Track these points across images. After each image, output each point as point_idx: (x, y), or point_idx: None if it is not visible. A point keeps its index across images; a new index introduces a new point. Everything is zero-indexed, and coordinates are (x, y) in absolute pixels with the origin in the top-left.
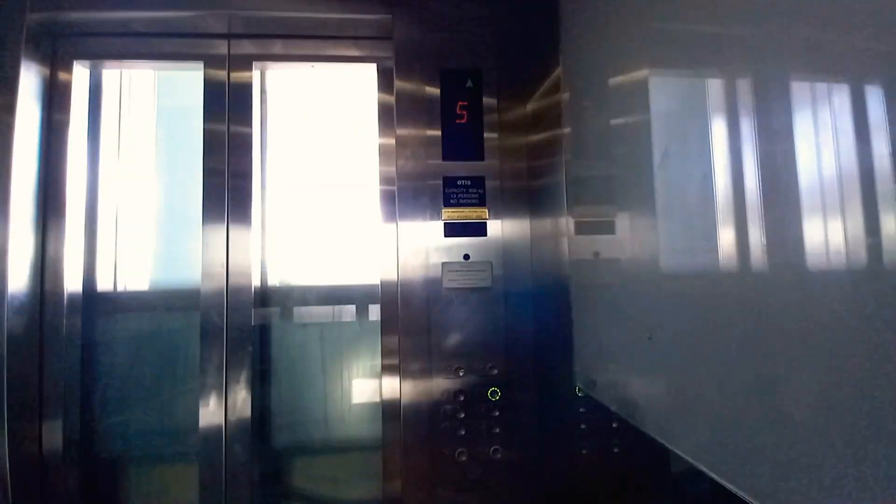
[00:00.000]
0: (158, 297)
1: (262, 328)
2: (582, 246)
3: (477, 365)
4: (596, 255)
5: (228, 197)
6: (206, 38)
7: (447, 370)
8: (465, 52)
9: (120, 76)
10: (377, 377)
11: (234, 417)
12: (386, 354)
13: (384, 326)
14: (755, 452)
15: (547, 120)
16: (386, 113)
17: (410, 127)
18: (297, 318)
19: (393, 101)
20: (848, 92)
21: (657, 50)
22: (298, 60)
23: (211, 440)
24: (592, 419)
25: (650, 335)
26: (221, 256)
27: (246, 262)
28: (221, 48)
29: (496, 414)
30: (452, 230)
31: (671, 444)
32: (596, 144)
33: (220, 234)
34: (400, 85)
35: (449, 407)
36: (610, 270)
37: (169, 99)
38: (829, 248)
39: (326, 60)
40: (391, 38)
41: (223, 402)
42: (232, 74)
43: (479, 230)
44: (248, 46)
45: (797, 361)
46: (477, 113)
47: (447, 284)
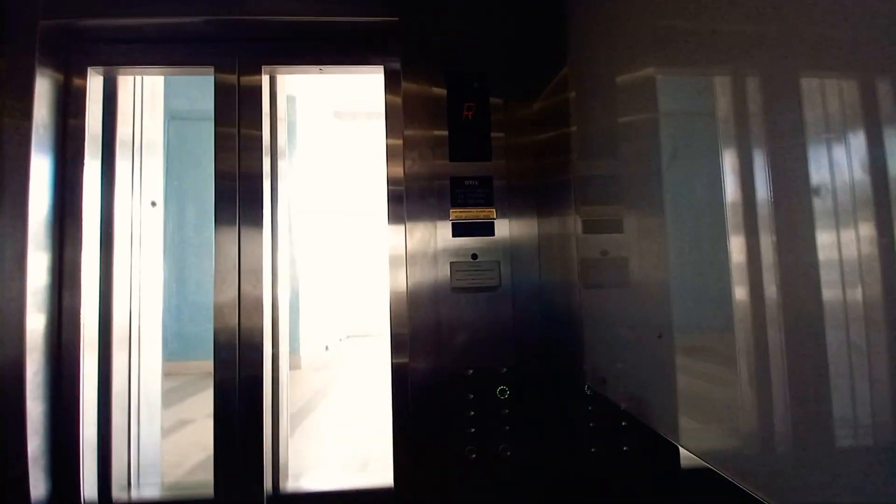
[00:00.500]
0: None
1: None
2: (590, 245)
3: (486, 363)
4: (604, 253)
5: (240, 199)
6: (215, 43)
7: (456, 369)
8: (471, 52)
9: (134, 81)
10: None
11: None
12: (396, 353)
13: (393, 325)
14: (766, 450)
15: (554, 119)
16: (393, 114)
17: (418, 128)
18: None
19: (400, 102)
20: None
21: (666, 48)
22: (306, 64)
23: None
24: (601, 418)
25: (660, 333)
26: (233, 256)
27: (257, 263)
28: (231, 53)
29: (506, 412)
30: (460, 230)
31: (681, 442)
32: (603, 143)
33: (231, 235)
34: (407, 87)
35: (459, 405)
36: (618, 269)
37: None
38: (840, 246)
39: (334, 63)
40: (398, 40)
41: None
42: (241, 79)
43: (486, 230)
44: (256, 51)
45: (808, 360)
46: (484, 113)
47: (455, 284)
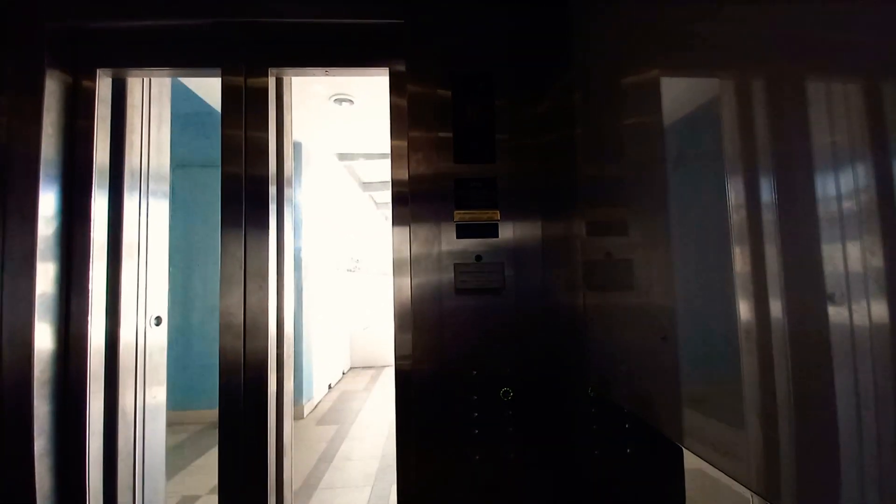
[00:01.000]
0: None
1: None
2: (594, 247)
3: (489, 365)
4: (608, 256)
5: (245, 201)
6: (223, 45)
7: (460, 370)
8: (476, 55)
9: (142, 83)
10: None
11: None
12: (400, 352)
13: (398, 326)
14: (771, 453)
15: (559, 121)
16: (398, 116)
17: (423, 129)
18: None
19: (405, 104)
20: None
21: (671, 50)
22: (312, 66)
23: None
24: (605, 420)
25: (664, 335)
26: (240, 257)
27: (262, 265)
28: (238, 55)
29: (509, 413)
30: (464, 231)
31: (685, 444)
32: (608, 145)
33: (237, 236)
34: (412, 89)
35: (462, 406)
36: (622, 271)
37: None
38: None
39: (339, 65)
40: (403, 42)
41: None
42: (248, 80)
43: (490, 231)
44: (263, 53)
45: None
46: (488, 115)
47: (459, 285)
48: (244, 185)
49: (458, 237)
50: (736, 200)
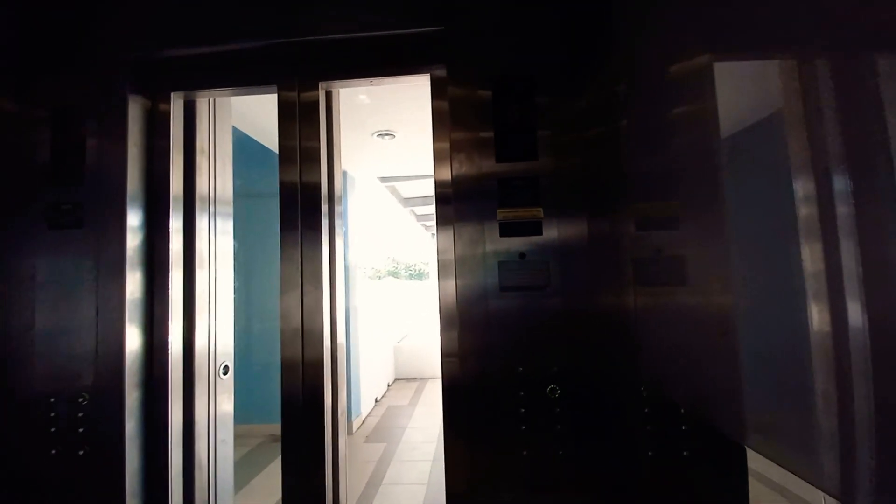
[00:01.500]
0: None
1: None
2: (644, 243)
3: (536, 362)
4: (658, 251)
5: (301, 205)
6: (277, 64)
7: (506, 367)
8: (515, 53)
9: (208, 109)
10: None
11: None
12: (446, 349)
13: (444, 324)
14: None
15: (602, 114)
16: (440, 119)
17: (464, 131)
18: None
19: (447, 107)
20: None
21: (723, 33)
22: (358, 77)
23: None
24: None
25: (724, 329)
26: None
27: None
28: (291, 72)
29: (557, 411)
30: (508, 230)
31: (750, 444)
32: (657, 137)
33: (294, 239)
34: (453, 91)
35: (509, 403)
36: (675, 267)
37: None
38: None
39: (384, 75)
40: (444, 48)
41: None
42: (301, 95)
43: (534, 229)
44: (313, 69)
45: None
46: (529, 113)
47: (504, 283)
48: (299, 190)
49: (501, 235)
50: (804, 193)
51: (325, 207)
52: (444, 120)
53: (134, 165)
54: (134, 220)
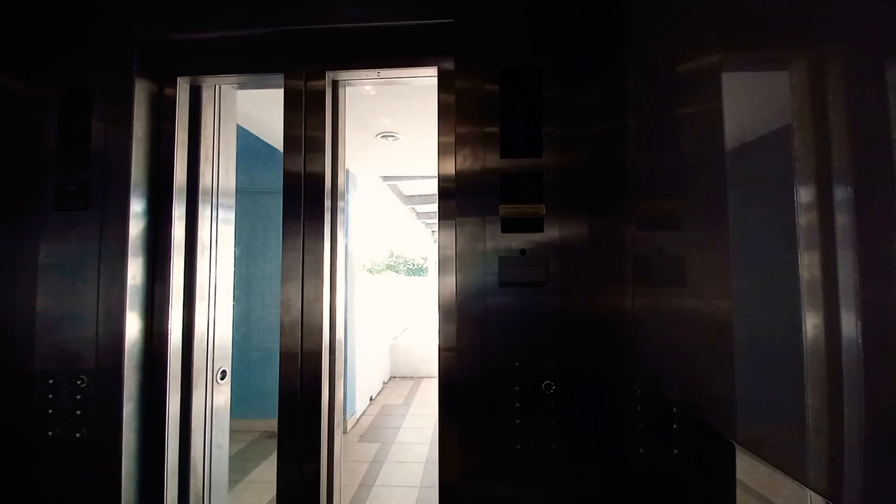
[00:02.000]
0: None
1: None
2: (646, 242)
3: (532, 358)
4: (660, 251)
5: (304, 195)
6: (285, 51)
7: (503, 361)
8: (524, 48)
9: (214, 97)
10: None
11: None
12: (444, 343)
13: (443, 319)
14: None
15: (610, 111)
16: (446, 112)
17: (470, 125)
18: None
19: (453, 101)
20: None
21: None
22: (365, 67)
23: None
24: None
25: (721, 331)
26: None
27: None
28: (298, 60)
29: (551, 406)
30: (509, 225)
31: (739, 441)
32: (664, 136)
33: (297, 228)
34: (460, 84)
35: (504, 397)
36: (676, 267)
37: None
38: None
39: (391, 66)
40: (452, 40)
41: None
42: (308, 83)
43: (536, 225)
44: (321, 57)
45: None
46: (536, 108)
47: (504, 278)
48: (303, 180)
49: (503, 231)
50: (806, 194)
51: (328, 199)
52: (449, 114)
53: (139, 150)
54: (137, 204)
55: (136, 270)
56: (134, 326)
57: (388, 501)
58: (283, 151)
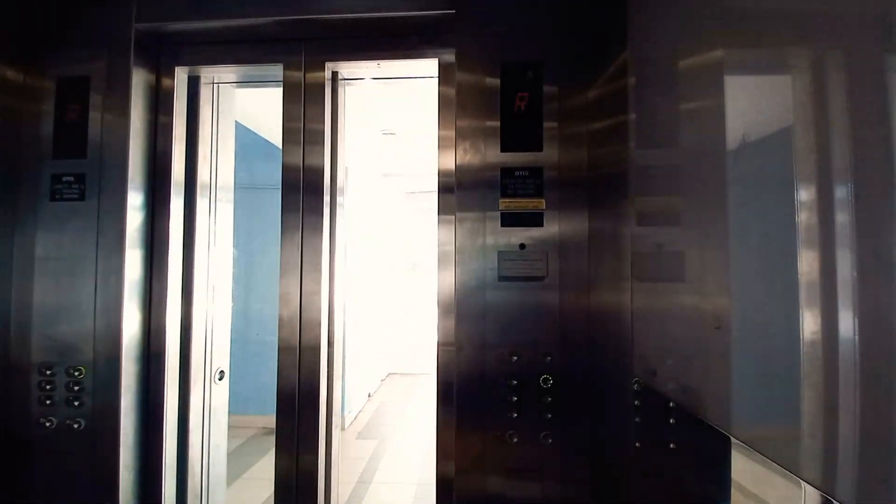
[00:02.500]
0: None
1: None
2: (644, 237)
3: (530, 352)
4: (659, 247)
5: (303, 188)
6: (284, 41)
7: (501, 355)
8: (526, 42)
9: (212, 90)
10: None
11: None
12: (442, 338)
13: (441, 312)
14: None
15: (610, 107)
16: (446, 106)
17: (470, 119)
18: None
19: (453, 94)
20: None
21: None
22: (366, 59)
23: None
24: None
25: (719, 325)
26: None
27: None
28: (298, 50)
29: (548, 400)
30: (509, 220)
31: (734, 434)
32: (664, 132)
33: (296, 222)
34: (461, 78)
35: (502, 390)
36: (674, 262)
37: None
38: None
39: (391, 58)
40: (453, 32)
41: None
42: (307, 74)
43: (535, 220)
44: (321, 47)
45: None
46: (537, 103)
47: (502, 273)
48: (302, 173)
49: (502, 226)
50: (805, 191)
51: (327, 192)
52: (450, 107)
53: (136, 141)
54: (135, 196)
55: (133, 263)
56: (132, 319)
57: (385, 498)
58: (281, 144)
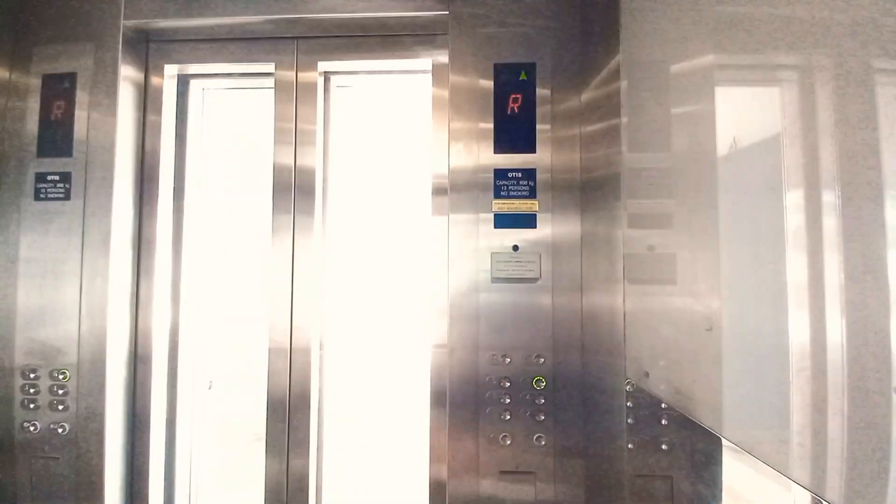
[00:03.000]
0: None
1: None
2: (636, 239)
3: (523, 354)
4: (651, 249)
5: (295, 189)
6: (276, 40)
7: (494, 357)
8: (519, 44)
9: (202, 93)
10: None
11: None
12: (435, 341)
13: (434, 314)
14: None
15: (603, 110)
16: (439, 107)
17: (464, 120)
18: None
19: (446, 95)
20: None
21: (727, 35)
22: (359, 59)
23: None
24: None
25: (710, 327)
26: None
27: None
28: (290, 49)
29: (541, 402)
30: (502, 221)
31: (726, 435)
32: (656, 135)
33: (287, 222)
34: (454, 79)
35: (494, 393)
36: (666, 264)
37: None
38: None
39: (385, 58)
40: (447, 33)
41: None
42: (299, 74)
43: (528, 222)
44: (313, 47)
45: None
46: (530, 105)
47: (496, 274)
48: (294, 174)
49: (495, 227)
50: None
51: (319, 193)
52: (443, 108)
53: (124, 139)
54: (122, 195)
55: (120, 265)
56: (118, 322)
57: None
58: (273, 144)
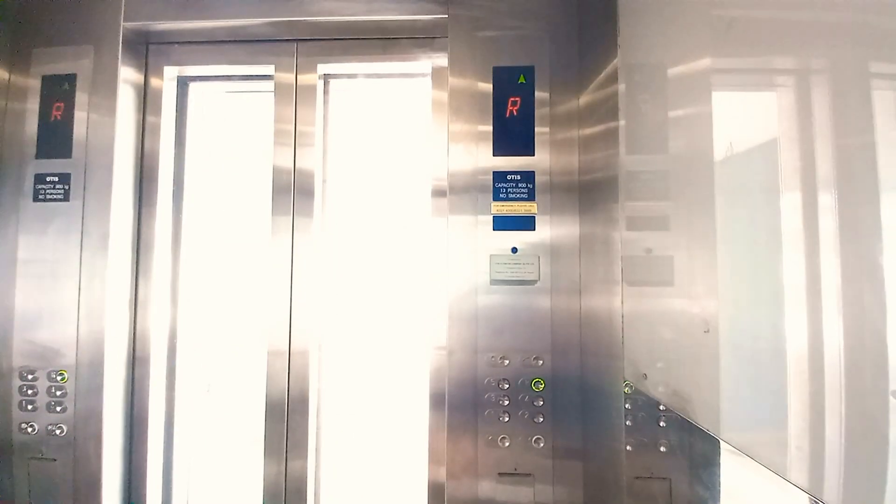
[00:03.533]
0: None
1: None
2: (634, 241)
3: (522, 356)
4: (648, 251)
5: (295, 191)
6: (276, 43)
7: (492, 359)
8: (518, 47)
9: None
10: None
11: None
12: (434, 344)
13: (432, 316)
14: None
15: (601, 113)
16: (439, 110)
17: (463, 122)
18: None
19: (446, 98)
20: None
21: (724, 38)
22: (358, 62)
23: None
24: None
25: (707, 329)
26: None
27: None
28: (289, 52)
29: (540, 403)
30: (501, 224)
31: (723, 437)
32: (653, 138)
33: (286, 224)
34: (453, 82)
35: (493, 394)
36: (663, 266)
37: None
38: None
39: (384, 61)
40: (446, 36)
41: None
42: (299, 76)
43: (527, 224)
44: (312, 50)
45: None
46: (528, 108)
47: (494, 276)
48: (294, 175)
49: (494, 229)
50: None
51: (319, 195)
52: (442, 111)
53: (123, 140)
54: (121, 197)
55: (118, 266)
56: (116, 323)
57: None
58: (272, 146)
